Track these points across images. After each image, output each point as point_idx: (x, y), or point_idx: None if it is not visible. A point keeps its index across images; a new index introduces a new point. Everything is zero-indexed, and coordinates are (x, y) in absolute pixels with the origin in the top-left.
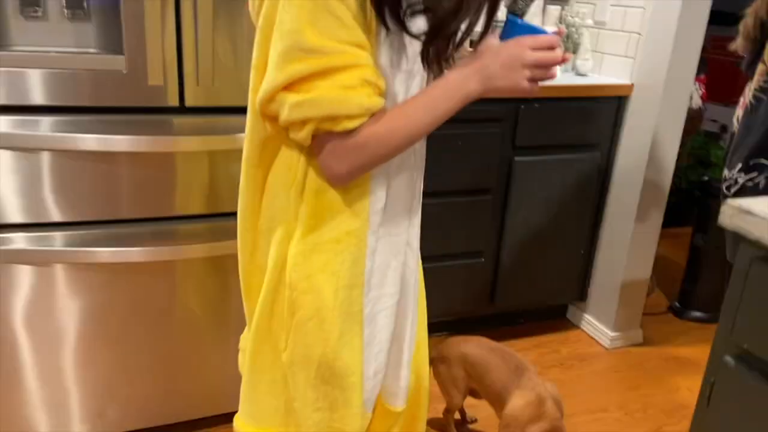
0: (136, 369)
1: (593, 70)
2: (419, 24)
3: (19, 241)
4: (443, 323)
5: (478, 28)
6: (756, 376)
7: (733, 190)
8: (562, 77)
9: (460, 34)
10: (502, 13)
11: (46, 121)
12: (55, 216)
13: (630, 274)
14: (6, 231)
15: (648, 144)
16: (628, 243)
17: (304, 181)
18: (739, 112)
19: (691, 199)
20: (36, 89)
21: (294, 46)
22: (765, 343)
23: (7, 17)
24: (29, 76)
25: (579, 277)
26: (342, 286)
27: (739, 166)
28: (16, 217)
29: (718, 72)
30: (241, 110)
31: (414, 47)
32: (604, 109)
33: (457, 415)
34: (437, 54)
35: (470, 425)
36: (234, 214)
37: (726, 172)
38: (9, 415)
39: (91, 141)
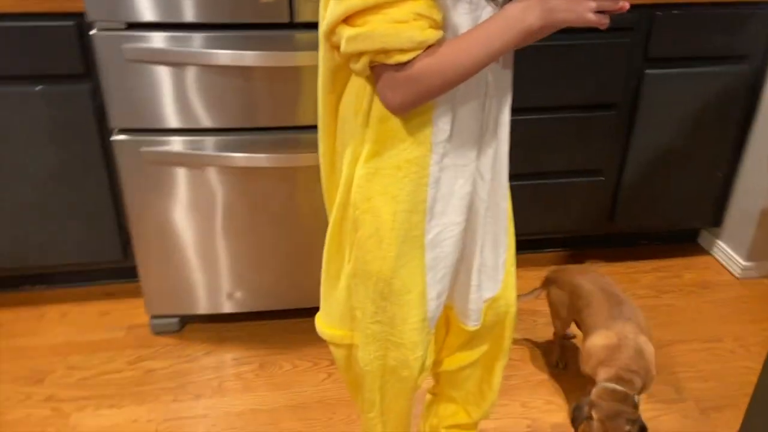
0: (262, 259)
1: None
2: None
3: (176, 144)
4: (559, 240)
5: None
6: None
7: None
8: None
9: None
10: None
11: (179, 37)
12: (205, 122)
13: None
14: (166, 135)
15: None
16: None
17: (370, 109)
18: None
19: None
20: (167, 7)
21: None
22: None
23: None
24: None
25: (715, 202)
26: (401, 210)
27: None
28: (173, 122)
29: None
30: None
31: None
32: (757, 17)
33: None
34: None
35: (570, 340)
36: None
37: None
38: (179, 293)
39: (223, 57)
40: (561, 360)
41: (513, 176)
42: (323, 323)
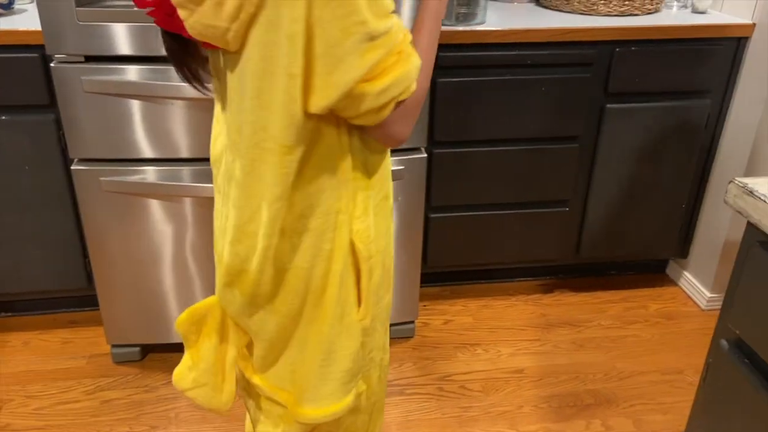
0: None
1: (713, 6)
2: None
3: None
4: (527, 269)
5: None
6: (746, 364)
7: None
8: (676, 15)
9: None
10: None
11: (136, 70)
12: (164, 153)
13: (735, 233)
14: (125, 164)
15: (767, 90)
16: None
17: (352, 159)
18: None
19: None
20: (123, 41)
21: (362, 38)
22: (755, 333)
23: None
24: (116, 29)
25: (680, 233)
26: (390, 241)
27: None
28: (132, 152)
29: None
30: None
31: None
32: (718, 52)
33: None
34: None
35: None
36: None
37: None
38: (139, 322)
39: (184, 89)
40: None
41: (483, 206)
42: (322, 409)
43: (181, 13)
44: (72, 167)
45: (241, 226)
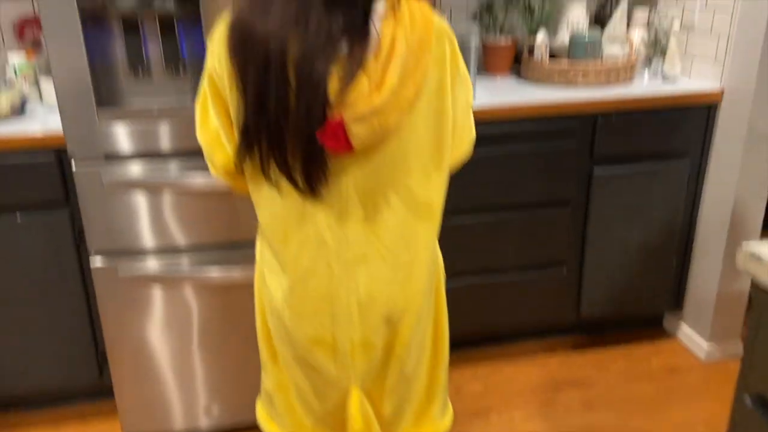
0: (238, 373)
1: (682, 73)
2: None
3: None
4: (531, 332)
5: None
6: None
7: None
8: (648, 84)
9: None
10: None
11: (154, 166)
12: (180, 241)
13: (726, 283)
14: (143, 255)
15: (741, 150)
16: (722, 251)
17: None
18: None
19: None
20: (142, 139)
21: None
22: None
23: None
24: (115, 128)
25: (673, 287)
26: None
27: None
28: (149, 243)
29: None
30: None
31: None
32: (693, 117)
33: None
34: None
35: None
36: None
37: None
38: (155, 410)
39: (197, 182)
40: None
41: (484, 273)
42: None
43: (358, 128)
44: (90, 260)
45: (399, 282)
